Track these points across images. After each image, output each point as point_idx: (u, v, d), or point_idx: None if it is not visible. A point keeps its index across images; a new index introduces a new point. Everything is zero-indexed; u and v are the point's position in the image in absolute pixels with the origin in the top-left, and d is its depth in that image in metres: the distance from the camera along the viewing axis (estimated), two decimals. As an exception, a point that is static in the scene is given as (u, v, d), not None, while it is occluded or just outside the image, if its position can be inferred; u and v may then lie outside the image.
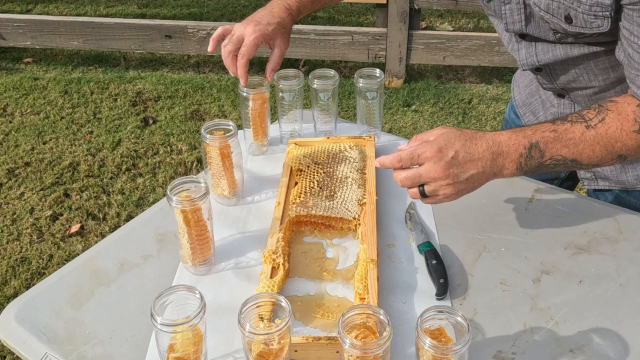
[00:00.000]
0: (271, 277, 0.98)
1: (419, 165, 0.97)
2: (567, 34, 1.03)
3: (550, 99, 1.27)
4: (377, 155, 1.29)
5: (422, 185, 0.97)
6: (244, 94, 1.25)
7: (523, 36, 1.13)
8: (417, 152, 0.96)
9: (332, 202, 1.13)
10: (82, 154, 3.06)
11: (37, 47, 3.90)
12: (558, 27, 1.02)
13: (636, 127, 0.97)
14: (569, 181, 1.38)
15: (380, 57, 3.56)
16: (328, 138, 1.32)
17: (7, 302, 2.04)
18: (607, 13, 0.94)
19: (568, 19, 0.98)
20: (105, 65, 4.02)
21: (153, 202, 2.66)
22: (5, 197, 2.78)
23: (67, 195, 2.79)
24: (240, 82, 1.22)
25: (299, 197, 1.15)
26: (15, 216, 2.66)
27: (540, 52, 1.12)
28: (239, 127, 1.21)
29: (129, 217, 2.62)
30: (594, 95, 1.15)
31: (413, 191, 0.99)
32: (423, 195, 0.98)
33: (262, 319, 0.84)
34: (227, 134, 1.12)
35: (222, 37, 1.25)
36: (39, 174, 2.92)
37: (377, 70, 1.30)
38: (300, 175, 1.21)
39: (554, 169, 1.01)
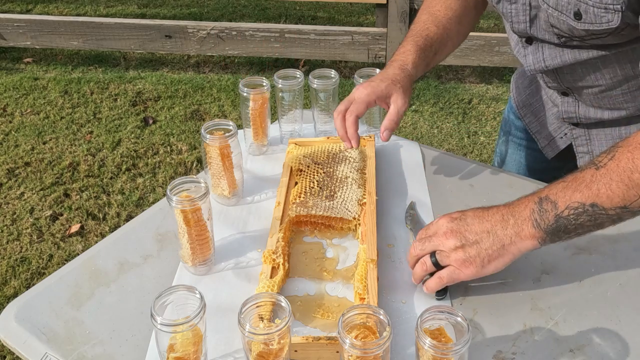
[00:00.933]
0: (271, 277, 0.98)
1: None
2: (572, 37, 1.02)
3: (553, 97, 1.26)
4: (377, 155, 1.29)
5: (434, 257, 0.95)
6: (245, 94, 1.25)
7: (530, 41, 1.13)
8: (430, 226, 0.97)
9: (332, 202, 1.13)
10: (82, 154, 3.06)
11: (37, 47, 3.90)
12: (564, 27, 1.01)
13: None
14: None
15: (380, 57, 3.56)
16: (328, 138, 1.32)
17: (7, 302, 2.03)
18: (619, 6, 0.92)
19: (577, 15, 0.97)
20: (105, 65, 4.02)
21: (153, 202, 2.66)
22: (5, 197, 2.78)
23: (67, 195, 2.79)
24: (352, 144, 1.15)
25: (299, 197, 1.15)
26: (15, 216, 2.66)
27: (548, 58, 1.12)
28: (239, 127, 1.21)
29: (129, 217, 2.62)
30: (600, 94, 1.14)
31: (429, 282, 0.96)
32: (436, 266, 0.95)
33: (262, 319, 0.84)
34: (227, 134, 1.12)
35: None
36: (39, 174, 2.92)
37: (377, 70, 1.30)
38: (300, 175, 1.21)
39: (581, 226, 0.92)
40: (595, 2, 0.93)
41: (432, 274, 0.96)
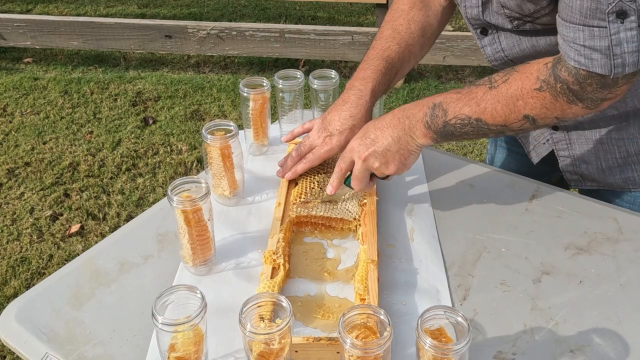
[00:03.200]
0: (272, 277, 0.98)
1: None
2: (523, 17, 1.03)
3: None
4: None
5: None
6: (245, 94, 1.25)
7: (485, 32, 1.14)
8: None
9: (332, 203, 1.13)
10: (82, 154, 3.06)
11: (37, 47, 3.91)
12: (513, 4, 1.01)
13: (537, 85, 0.96)
14: (561, 184, 1.38)
15: (380, 58, 3.56)
16: (328, 138, 1.32)
17: (7, 302, 2.04)
18: None
19: None
20: (105, 65, 4.02)
21: (153, 202, 2.66)
22: (5, 197, 2.78)
23: (67, 195, 2.79)
24: (284, 176, 1.20)
25: (300, 197, 1.15)
26: (15, 216, 2.66)
27: (506, 48, 1.13)
28: (239, 127, 1.21)
29: (129, 217, 2.62)
30: None
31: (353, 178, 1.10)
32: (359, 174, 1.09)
33: (262, 319, 0.84)
34: (228, 134, 1.12)
35: (301, 134, 1.27)
36: (39, 174, 2.92)
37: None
38: (300, 175, 1.21)
39: (466, 134, 1.03)
40: None
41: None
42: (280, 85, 1.30)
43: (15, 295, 2.24)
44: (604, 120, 1.16)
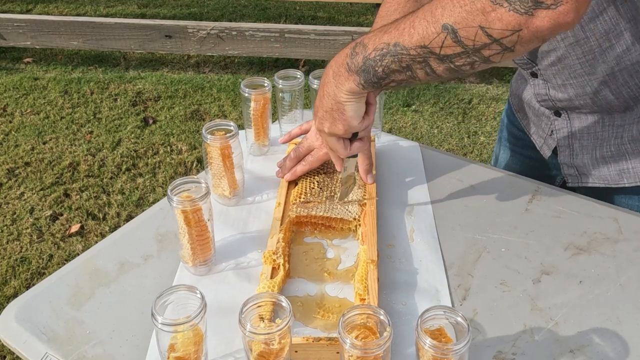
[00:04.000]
0: (271, 277, 0.98)
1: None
2: None
3: (531, 83, 1.25)
4: (377, 155, 1.29)
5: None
6: (246, 95, 1.25)
7: None
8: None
9: (332, 203, 1.13)
10: (82, 154, 3.06)
11: (37, 47, 3.91)
12: None
13: None
14: (563, 187, 1.38)
15: (380, 58, 3.56)
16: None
17: (7, 302, 2.04)
18: None
19: None
20: (105, 65, 4.03)
21: (153, 202, 2.66)
22: (5, 197, 2.78)
23: (67, 195, 2.80)
24: (284, 176, 1.20)
25: (300, 197, 1.15)
26: (15, 216, 2.66)
27: None
28: (240, 127, 1.21)
29: (129, 217, 2.63)
30: (558, 63, 1.13)
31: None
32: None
33: (262, 319, 0.84)
34: (228, 135, 1.12)
35: (298, 135, 1.26)
36: (39, 174, 2.92)
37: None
38: (300, 175, 1.21)
39: (395, 72, 0.91)
40: None
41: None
42: (280, 86, 1.30)
43: (15, 295, 2.24)
44: (605, 105, 1.14)
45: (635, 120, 1.13)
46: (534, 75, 1.21)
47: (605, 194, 1.22)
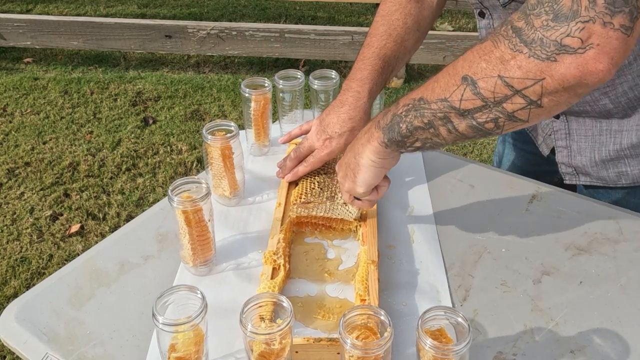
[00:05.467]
0: (272, 277, 0.98)
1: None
2: None
3: None
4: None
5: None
6: (247, 95, 1.25)
7: (482, 15, 1.13)
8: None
9: (332, 203, 1.13)
10: (82, 154, 3.06)
11: (37, 47, 3.90)
12: None
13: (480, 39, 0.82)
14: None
15: (380, 58, 3.56)
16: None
17: (7, 302, 2.04)
18: None
19: None
20: (105, 65, 4.02)
21: (153, 202, 2.66)
22: (5, 197, 2.78)
23: (67, 195, 2.79)
24: (285, 177, 1.20)
25: (300, 198, 1.15)
26: (15, 216, 2.66)
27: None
28: (240, 127, 1.21)
29: (129, 217, 2.62)
30: None
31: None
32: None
33: (263, 319, 0.84)
34: (229, 135, 1.12)
35: (298, 135, 1.27)
36: (39, 174, 2.92)
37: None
38: (301, 176, 1.21)
39: (418, 130, 0.87)
40: None
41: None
42: (281, 86, 1.30)
43: (15, 295, 2.24)
44: (604, 112, 1.15)
45: (633, 127, 1.14)
46: None
47: (603, 190, 1.23)
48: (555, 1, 0.70)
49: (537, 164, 1.33)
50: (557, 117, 1.22)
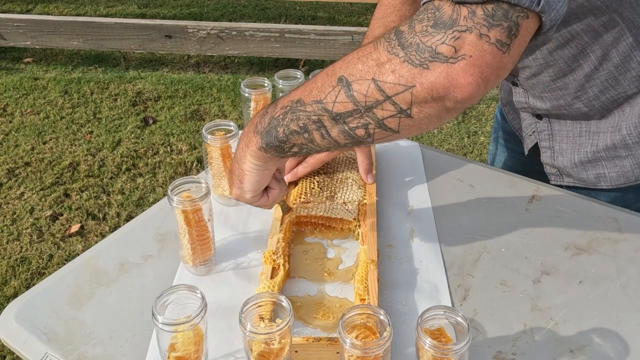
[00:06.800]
0: (272, 277, 0.98)
1: None
2: None
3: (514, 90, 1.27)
4: (377, 155, 1.29)
5: None
6: (246, 95, 1.25)
7: None
8: None
9: (332, 203, 1.13)
10: (82, 154, 3.06)
11: (37, 47, 3.91)
12: None
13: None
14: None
15: (380, 58, 3.56)
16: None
17: (7, 302, 2.04)
18: None
19: None
20: (105, 65, 4.02)
21: (153, 202, 2.66)
22: (5, 197, 2.78)
23: (67, 195, 2.80)
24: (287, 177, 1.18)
25: (300, 197, 1.15)
26: (15, 216, 2.66)
27: None
28: (240, 127, 1.21)
29: (129, 217, 2.63)
30: (533, 78, 1.15)
31: None
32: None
33: (262, 319, 0.84)
34: (228, 135, 1.12)
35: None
36: (39, 174, 2.92)
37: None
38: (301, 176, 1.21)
39: (294, 134, 0.81)
40: None
41: None
42: (281, 86, 1.30)
43: (15, 295, 2.24)
44: (580, 114, 1.16)
45: (609, 129, 1.15)
46: (515, 84, 1.23)
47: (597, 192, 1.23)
48: (437, 8, 0.68)
49: (531, 164, 1.33)
50: (540, 117, 1.23)
